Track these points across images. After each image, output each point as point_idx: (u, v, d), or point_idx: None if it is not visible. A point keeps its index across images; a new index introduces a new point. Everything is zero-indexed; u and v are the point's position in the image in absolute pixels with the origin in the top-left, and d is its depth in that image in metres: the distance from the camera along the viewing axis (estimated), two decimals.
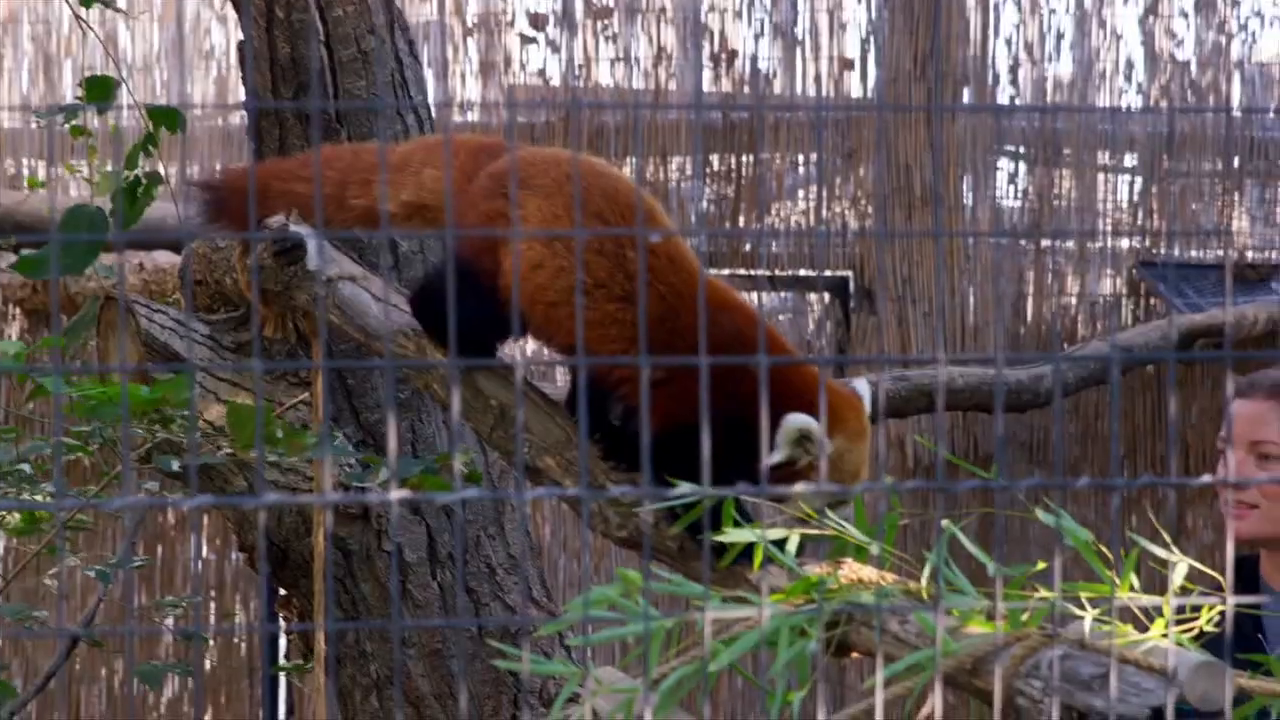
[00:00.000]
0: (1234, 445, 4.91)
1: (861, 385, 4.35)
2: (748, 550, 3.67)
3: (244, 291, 5.41)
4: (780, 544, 3.58)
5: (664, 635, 3.22)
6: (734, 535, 3.60)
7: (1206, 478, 4.59)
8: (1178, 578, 3.10)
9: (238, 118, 9.46)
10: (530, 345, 4.65)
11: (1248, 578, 4.92)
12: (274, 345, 5.80)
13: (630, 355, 4.18)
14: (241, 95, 9.13)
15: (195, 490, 5.44)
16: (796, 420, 4.07)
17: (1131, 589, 3.09)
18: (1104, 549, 3.15)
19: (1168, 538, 3.18)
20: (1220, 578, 3.09)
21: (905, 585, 3.46)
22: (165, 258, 8.19)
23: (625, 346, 4.23)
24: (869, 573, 3.53)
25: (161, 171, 5.35)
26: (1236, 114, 9.95)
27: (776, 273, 9.73)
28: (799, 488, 3.75)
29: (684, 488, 3.50)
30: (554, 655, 6.04)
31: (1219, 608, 3.14)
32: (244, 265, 5.25)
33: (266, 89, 5.97)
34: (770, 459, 4.05)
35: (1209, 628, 3.21)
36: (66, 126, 5.56)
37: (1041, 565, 3.20)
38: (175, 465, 4.95)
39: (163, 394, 4.43)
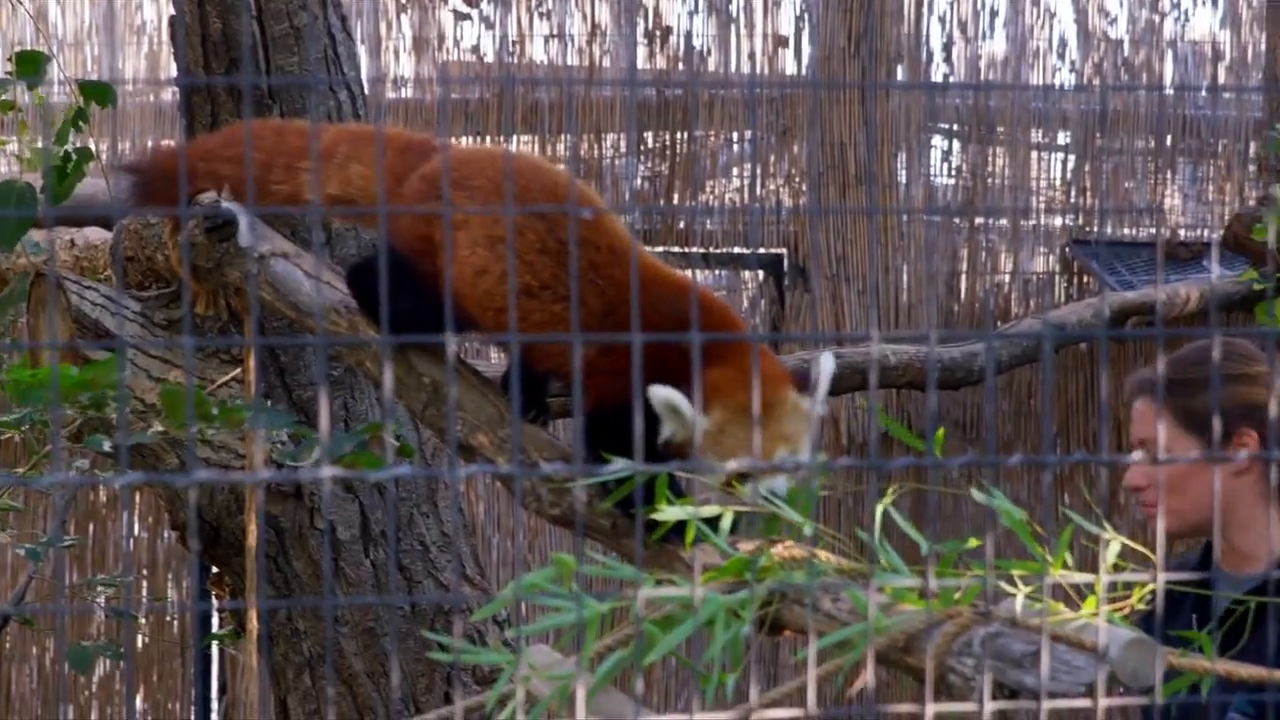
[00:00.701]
0: (1135, 448, 4.92)
1: (826, 359, 4.20)
2: (680, 527, 3.63)
3: (175, 268, 5.39)
4: (714, 522, 3.54)
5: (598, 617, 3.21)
6: (666, 513, 3.57)
7: (1138, 454, 4.61)
8: (1110, 555, 3.11)
9: (169, 93, 9.40)
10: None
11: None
12: (206, 322, 5.77)
13: (583, 357, 4.08)
14: (173, 71, 9.07)
15: (126, 468, 5.41)
16: (659, 393, 3.92)
17: (1065, 567, 3.09)
18: (1037, 526, 3.15)
19: (1100, 514, 3.18)
20: (1151, 555, 3.10)
21: (838, 563, 3.46)
22: (96, 234, 8.12)
23: (573, 347, 4.15)
24: (801, 550, 3.52)
25: (92, 147, 5.31)
26: (1169, 92, 10.00)
27: (711, 250, 9.74)
28: (733, 464, 3.72)
29: (616, 464, 3.49)
30: (487, 635, 6.04)
31: (1151, 586, 3.15)
32: (175, 242, 5.22)
33: (198, 65, 5.93)
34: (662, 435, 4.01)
35: (1143, 605, 3.23)
36: None
37: (974, 542, 3.20)
38: (106, 445, 4.90)
39: (93, 375, 4.38)
